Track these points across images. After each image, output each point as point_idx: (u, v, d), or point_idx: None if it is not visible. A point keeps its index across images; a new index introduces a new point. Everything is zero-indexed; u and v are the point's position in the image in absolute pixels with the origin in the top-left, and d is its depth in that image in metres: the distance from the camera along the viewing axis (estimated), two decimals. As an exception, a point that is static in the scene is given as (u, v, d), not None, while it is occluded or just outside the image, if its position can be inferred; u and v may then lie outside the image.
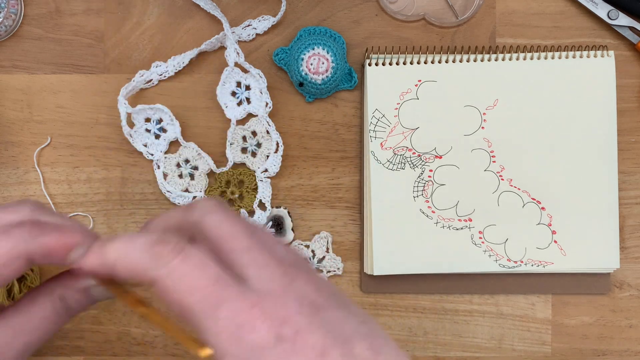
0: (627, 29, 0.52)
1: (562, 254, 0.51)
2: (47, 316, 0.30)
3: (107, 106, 0.53)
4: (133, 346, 0.53)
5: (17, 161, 0.53)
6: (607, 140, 0.51)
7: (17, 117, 0.53)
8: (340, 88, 0.52)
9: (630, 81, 0.52)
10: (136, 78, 0.52)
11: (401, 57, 0.51)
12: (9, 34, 0.52)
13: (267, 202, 0.52)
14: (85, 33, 0.53)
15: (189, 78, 0.53)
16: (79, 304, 0.30)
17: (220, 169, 0.52)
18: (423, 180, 0.51)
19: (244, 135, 0.52)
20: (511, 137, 0.51)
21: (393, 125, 0.51)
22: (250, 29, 0.52)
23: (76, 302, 0.30)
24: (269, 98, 0.51)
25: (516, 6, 0.53)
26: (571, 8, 0.53)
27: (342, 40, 0.52)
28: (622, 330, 0.53)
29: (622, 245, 0.52)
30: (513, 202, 0.51)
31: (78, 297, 0.30)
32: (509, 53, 0.51)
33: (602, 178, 0.51)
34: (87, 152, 0.53)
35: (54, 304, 0.30)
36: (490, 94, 0.51)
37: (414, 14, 0.52)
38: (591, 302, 0.53)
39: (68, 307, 0.30)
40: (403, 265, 0.51)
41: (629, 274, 0.53)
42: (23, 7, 0.52)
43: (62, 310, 0.30)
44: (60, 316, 0.30)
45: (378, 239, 0.51)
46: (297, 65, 0.51)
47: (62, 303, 0.30)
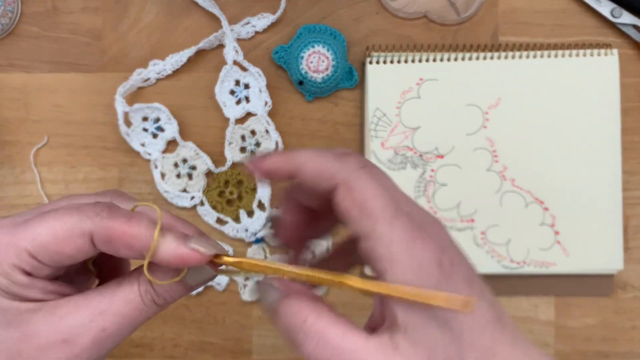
0: (631, 27, 0.52)
1: (565, 255, 0.51)
2: (131, 299, 0.27)
3: (104, 105, 0.52)
4: (131, 348, 0.52)
5: (14, 161, 0.52)
6: (611, 140, 0.50)
7: (14, 116, 0.52)
8: (340, 87, 0.52)
9: (634, 80, 0.52)
10: (134, 76, 0.51)
11: (402, 56, 0.51)
12: (6, 32, 0.52)
13: (266, 203, 0.52)
14: (82, 31, 0.52)
15: (187, 76, 0.52)
16: (168, 293, 0.28)
17: (219, 168, 0.52)
18: (424, 180, 0.51)
19: (243, 134, 0.52)
20: (514, 137, 0.51)
21: (394, 124, 0.51)
22: (249, 26, 0.52)
23: (166, 290, 0.28)
24: (269, 97, 0.51)
25: (519, 4, 0.52)
26: (574, 6, 0.52)
27: (343, 38, 0.51)
28: (625, 332, 0.52)
29: (626, 246, 0.52)
30: (516, 202, 0.51)
31: (169, 285, 0.28)
32: (512, 51, 0.51)
33: (605, 178, 0.50)
34: (84, 151, 0.52)
35: (140, 288, 0.27)
36: (492, 93, 0.51)
37: (415, 11, 0.52)
38: (594, 303, 0.52)
39: (157, 294, 0.28)
40: (404, 266, 0.50)
41: (632, 275, 0.52)
42: (20, 5, 0.52)
43: (148, 297, 0.27)
44: (145, 304, 0.27)
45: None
46: (296, 63, 0.50)
47: (150, 288, 0.27)
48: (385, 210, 0.26)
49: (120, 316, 0.27)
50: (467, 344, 0.26)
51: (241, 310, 0.53)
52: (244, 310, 0.53)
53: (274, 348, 0.52)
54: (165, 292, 0.28)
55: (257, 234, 0.52)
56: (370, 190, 0.26)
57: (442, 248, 0.27)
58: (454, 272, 0.26)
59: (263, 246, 0.52)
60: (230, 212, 0.52)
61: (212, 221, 0.52)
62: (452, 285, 0.26)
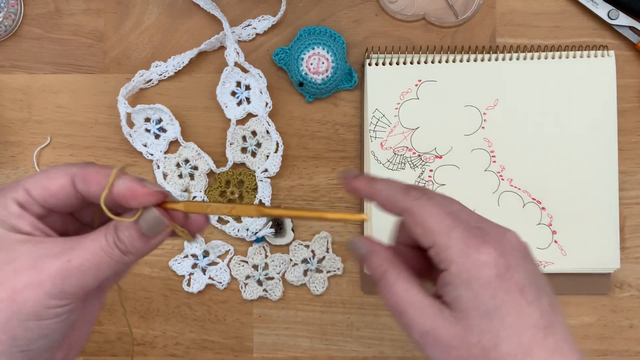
0: (628, 28, 0.52)
1: (563, 254, 0.51)
2: (95, 238, 0.31)
3: (106, 106, 0.52)
4: (133, 346, 0.53)
5: (17, 161, 0.53)
6: (608, 140, 0.51)
7: (17, 117, 0.53)
8: (340, 88, 0.52)
9: (630, 81, 0.52)
10: (136, 78, 0.52)
11: (401, 57, 0.51)
12: (9, 33, 0.52)
13: (267, 202, 0.52)
14: (84, 33, 0.53)
15: (188, 78, 0.53)
16: (128, 238, 0.31)
17: (220, 169, 0.52)
18: (423, 180, 0.51)
19: (244, 135, 0.52)
20: (511, 137, 0.51)
21: (393, 125, 0.51)
22: (250, 28, 0.52)
23: (127, 237, 0.31)
24: (269, 98, 0.51)
25: (516, 6, 0.52)
26: (571, 8, 0.53)
27: (342, 40, 0.52)
28: (622, 331, 0.53)
29: (623, 245, 0.52)
30: (513, 202, 0.51)
31: (128, 231, 0.31)
32: (510, 53, 0.51)
33: (602, 178, 0.51)
34: (86, 152, 0.53)
35: (106, 232, 0.31)
36: (490, 94, 0.51)
37: (414, 13, 0.52)
38: (591, 302, 0.53)
39: (118, 239, 0.31)
40: (403, 265, 0.51)
41: (629, 274, 0.53)
42: (23, 7, 0.52)
43: (110, 239, 0.31)
44: (109, 244, 0.31)
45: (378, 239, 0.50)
46: (297, 65, 0.50)
47: (112, 232, 0.31)
48: (442, 224, 0.33)
49: (86, 251, 0.30)
50: (505, 337, 0.31)
51: (242, 309, 0.53)
52: (244, 308, 0.53)
53: (274, 346, 0.53)
54: (126, 238, 0.31)
55: (258, 233, 0.52)
56: (428, 211, 0.33)
57: (501, 252, 0.32)
58: (509, 275, 0.32)
59: (263, 245, 0.53)
60: (231, 212, 0.52)
61: (214, 220, 0.52)
62: (504, 286, 0.32)
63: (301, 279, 0.53)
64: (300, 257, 0.53)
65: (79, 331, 0.35)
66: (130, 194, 0.31)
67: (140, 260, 0.53)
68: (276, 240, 0.52)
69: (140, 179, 0.31)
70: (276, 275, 0.53)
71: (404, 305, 0.33)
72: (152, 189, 0.31)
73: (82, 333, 0.35)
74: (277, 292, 0.53)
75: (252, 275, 0.53)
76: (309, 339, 0.53)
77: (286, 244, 0.53)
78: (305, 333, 0.53)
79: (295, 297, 0.53)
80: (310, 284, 0.53)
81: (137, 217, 0.31)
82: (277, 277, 0.53)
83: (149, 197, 0.31)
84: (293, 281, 0.53)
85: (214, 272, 0.52)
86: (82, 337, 0.36)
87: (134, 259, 0.32)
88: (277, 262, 0.53)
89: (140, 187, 0.31)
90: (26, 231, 0.30)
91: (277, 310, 0.53)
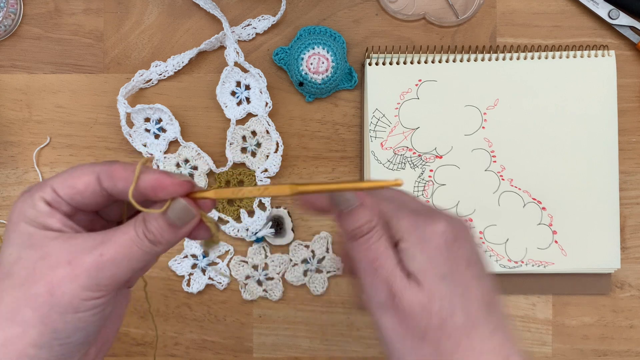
0: (628, 28, 0.52)
1: (563, 254, 0.51)
2: (126, 231, 0.31)
3: (106, 106, 0.52)
4: (133, 347, 0.53)
5: (17, 161, 0.53)
6: (608, 140, 0.51)
7: (17, 117, 0.53)
8: (340, 88, 0.52)
9: (631, 81, 0.52)
10: (135, 78, 0.52)
11: (401, 57, 0.51)
12: (8, 33, 0.52)
13: (267, 202, 0.52)
14: (84, 33, 0.53)
15: (188, 78, 0.53)
16: (157, 229, 0.32)
17: (220, 168, 0.52)
18: (423, 180, 0.51)
19: (244, 135, 0.52)
20: (512, 137, 0.51)
21: (393, 125, 0.51)
22: (250, 28, 0.52)
23: (156, 228, 0.32)
24: (269, 98, 0.51)
25: (517, 6, 0.52)
26: (572, 8, 0.53)
27: (342, 40, 0.52)
28: (622, 331, 0.53)
29: (623, 246, 0.52)
30: (514, 202, 0.51)
31: (157, 222, 0.32)
32: (510, 53, 0.51)
33: (603, 178, 0.51)
34: (86, 152, 0.53)
35: (135, 224, 0.32)
36: (490, 94, 0.51)
37: (414, 13, 0.52)
38: (592, 302, 0.53)
39: (147, 230, 0.31)
40: (403, 265, 0.51)
41: (629, 274, 0.53)
42: (22, 7, 0.52)
43: (140, 230, 0.31)
44: (138, 236, 0.31)
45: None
46: (297, 64, 0.50)
47: (142, 224, 0.32)
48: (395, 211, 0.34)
49: (117, 244, 0.31)
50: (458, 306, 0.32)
51: (242, 309, 0.53)
52: (244, 308, 0.53)
53: (274, 346, 0.53)
54: (155, 228, 0.31)
55: (258, 233, 0.52)
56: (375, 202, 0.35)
57: (449, 224, 0.33)
58: (456, 247, 0.33)
59: (263, 245, 0.53)
60: (231, 212, 0.52)
61: (213, 221, 0.52)
62: (451, 256, 0.33)
63: (301, 279, 0.53)
64: (300, 257, 0.52)
65: (110, 326, 0.36)
66: (158, 185, 0.31)
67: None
68: (276, 240, 0.52)
69: (166, 172, 0.32)
70: (276, 275, 0.53)
71: (380, 263, 0.33)
72: (179, 179, 0.31)
73: (113, 328, 0.36)
74: (277, 292, 0.53)
75: (252, 276, 0.53)
76: (309, 339, 0.53)
77: (286, 244, 0.53)
78: (305, 333, 0.53)
79: (295, 297, 0.53)
80: (310, 284, 0.53)
81: (166, 208, 0.31)
82: (277, 277, 0.53)
83: (177, 187, 0.31)
84: (293, 281, 0.53)
85: (214, 272, 0.52)
86: (112, 333, 0.36)
87: (163, 249, 0.33)
88: (277, 262, 0.53)
89: (168, 178, 0.31)
90: (57, 228, 0.31)
91: (277, 310, 0.53)
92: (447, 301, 0.32)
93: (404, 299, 0.32)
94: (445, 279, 0.33)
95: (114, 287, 0.31)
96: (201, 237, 0.34)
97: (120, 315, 0.37)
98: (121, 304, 0.36)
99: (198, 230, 0.34)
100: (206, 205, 0.33)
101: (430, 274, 0.33)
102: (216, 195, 0.32)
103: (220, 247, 0.47)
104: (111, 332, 0.36)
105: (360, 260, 0.34)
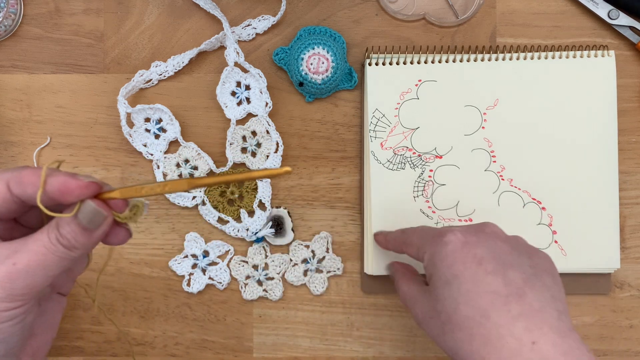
0: (628, 28, 0.52)
1: (563, 254, 0.51)
2: (38, 239, 0.31)
3: (106, 106, 0.53)
4: (133, 346, 0.53)
5: (17, 161, 0.53)
6: (608, 140, 0.51)
7: (17, 117, 0.53)
8: (340, 88, 0.52)
9: (630, 81, 0.52)
10: (136, 78, 0.52)
11: (401, 57, 0.51)
12: (9, 33, 0.52)
13: (267, 202, 0.52)
14: (84, 33, 0.53)
15: (188, 78, 0.53)
16: (70, 234, 0.31)
17: (220, 168, 0.52)
18: (423, 180, 0.51)
19: (244, 135, 0.52)
20: (512, 137, 0.51)
21: (393, 125, 0.51)
22: (250, 28, 0.52)
23: (69, 233, 0.31)
24: (269, 98, 0.51)
25: (516, 6, 0.53)
26: (572, 8, 0.53)
27: (342, 40, 0.52)
28: (622, 331, 0.53)
29: (623, 245, 0.52)
30: (513, 202, 0.51)
31: (70, 227, 0.31)
32: (510, 53, 0.51)
33: (602, 178, 0.51)
34: (86, 152, 0.53)
35: (48, 229, 0.31)
36: (490, 94, 0.51)
37: (414, 13, 0.52)
38: (592, 302, 0.53)
39: (60, 235, 0.31)
40: (403, 265, 0.51)
41: (629, 274, 0.53)
42: (22, 7, 0.52)
43: (52, 236, 0.31)
44: (52, 242, 0.31)
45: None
46: (297, 65, 0.50)
47: (55, 230, 0.31)
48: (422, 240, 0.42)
49: (30, 252, 0.31)
50: (462, 302, 0.36)
51: (242, 309, 0.53)
52: (244, 308, 0.53)
53: (274, 346, 0.53)
54: (68, 233, 0.31)
55: (258, 233, 0.52)
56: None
57: (463, 233, 0.39)
58: (466, 249, 0.38)
59: (264, 245, 0.53)
60: (232, 212, 0.52)
61: (214, 220, 0.52)
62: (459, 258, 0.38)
63: (301, 279, 0.53)
64: (300, 257, 0.53)
65: (41, 336, 0.35)
66: (64, 189, 0.31)
67: (140, 260, 0.53)
68: (276, 240, 0.52)
69: (73, 174, 0.31)
70: (276, 275, 0.53)
71: (405, 296, 0.43)
72: (84, 181, 0.31)
73: (45, 338, 0.36)
74: (277, 292, 0.53)
75: (252, 276, 0.53)
76: (309, 339, 0.53)
77: (286, 244, 0.53)
78: (305, 333, 0.53)
79: (295, 297, 0.53)
80: (310, 284, 0.53)
81: (76, 211, 0.31)
82: (277, 277, 0.53)
83: (83, 189, 0.31)
84: (293, 281, 0.53)
85: (214, 272, 0.52)
86: (46, 342, 0.36)
87: (80, 254, 0.32)
88: (277, 262, 0.53)
89: (73, 181, 0.31)
90: None
91: (277, 310, 0.53)
92: (449, 299, 0.37)
93: (423, 309, 0.40)
94: (448, 283, 0.37)
95: (32, 296, 0.31)
96: (119, 240, 0.33)
97: (53, 323, 0.36)
98: (54, 311, 0.36)
99: (116, 233, 0.33)
100: (118, 205, 0.33)
101: (437, 282, 0.38)
102: (121, 195, 0.32)
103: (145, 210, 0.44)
104: (44, 341, 0.36)
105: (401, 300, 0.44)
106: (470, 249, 0.38)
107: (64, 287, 0.37)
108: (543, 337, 0.34)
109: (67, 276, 0.36)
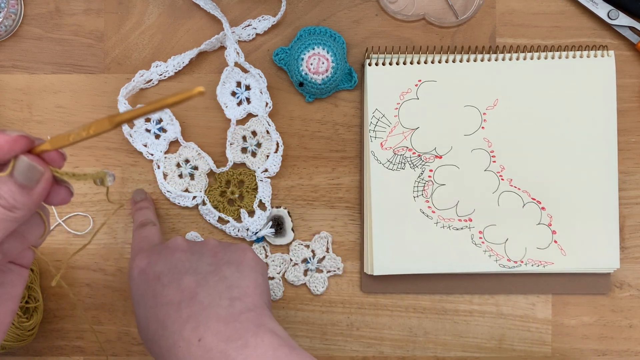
0: (627, 28, 0.52)
1: (562, 254, 0.51)
2: None
3: (107, 106, 0.53)
4: (133, 346, 0.53)
5: (17, 161, 0.53)
6: (607, 140, 0.51)
7: (17, 117, 0.53)
8: (340, 88, 0.52)
9: (630, 81, 0.52)
10: (136, 78, 0.52)
11: (401, 57, 0.51)
12: (9, 33, 0.52)
13: (267, 202, 0.52)
14: (85, 33, 0.53)
15: (189, 78, 0.53)
16: (7, 193, 0.30)
17: (220, 169, 0.52)
18: (423, 180, 0.51)
19: (244, 135, 0.52)
20: (511, 137, 0.51)
21: (393, 125, 0.51)
22: (250, 28, 0.52)
23: (6, 192, 0.30)
24: (269, 98, 0.51)
25: (516, 6, 0.53)
26: (571, 8, 0.53)
27: (342, 40, 0.52)
28: (622, 330, 0.53)
29: (623, 245, 0.52)
30: (513, 202, 0.51)
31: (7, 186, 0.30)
32: (509, 53, 0.51)
33: (602, 178, 0.51)
34: (87, 152, 0.53)
35: None
36: (490, 94, 0.51)
37: (414, 13, 0.52)
38: (591, 302, 0.53)
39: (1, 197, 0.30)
40: (403, 265, 0.51)
41: (629, 274, 0.53)
42: (23, 7, 0.52)
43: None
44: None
45: (378, 239, 0.51)
46: (297, 65, 0.51)
47: None
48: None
49: None
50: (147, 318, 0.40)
51: (242, 309, 0.53)
52: (244, 308, 0.53)
53: (274, 346, 0.53)
54: (5, 193, 0.30)
55: (258, 233, 0.52)
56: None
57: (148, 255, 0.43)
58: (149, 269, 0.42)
59: (264, 245, 0.53)
60: (232, 212, 0.52)
61: (214, 220, 0.52)
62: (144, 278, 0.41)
63: (301, 279, 0.53)
64: (300, 257, 0.53)
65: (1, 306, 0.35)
66: None
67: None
68: (276, 240, 0.53)
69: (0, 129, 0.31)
70: (276, 275, 0.53)
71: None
72: (12, 135, 0.30)
73: (5, 308, 0.35)
74: (277, 292, 0.53)
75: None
76: (309, 339, 0.53)
77: (286, 244, 0.53)
78: (305, 333, 0.53)
79: (295, 297, 0.53)
80: (310, 283, 0.53)
81: (11, 170, 0.30)
82: (277, 277, 0.53)
83: (11, 144, 0.30)
84: (293, 281, 0.53)
85: None
86: (6, 313, 0.35)
87: (23, 215, 0.31)
88: (277, 262, 0.53)
89: (1, 136, 0.30)
90: None
91: (277, 310, 0.53)
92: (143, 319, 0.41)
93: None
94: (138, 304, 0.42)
95: None
96: (61, 199, 0.33)
97: (13, 295, 0.35)
98: (13, 282, 0.35)
99: (57, 192, 0.32)
100: (55, 160, 0.32)
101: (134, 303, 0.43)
102: (52, 146, 0.31)
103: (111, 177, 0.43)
104: (3, 311, 0.35)
105: None
106: (151, 267, 0.41)
107: (21, 257, 0.36)
108: (207, 331, 0.36)
109: (20, 243, 0.34)
